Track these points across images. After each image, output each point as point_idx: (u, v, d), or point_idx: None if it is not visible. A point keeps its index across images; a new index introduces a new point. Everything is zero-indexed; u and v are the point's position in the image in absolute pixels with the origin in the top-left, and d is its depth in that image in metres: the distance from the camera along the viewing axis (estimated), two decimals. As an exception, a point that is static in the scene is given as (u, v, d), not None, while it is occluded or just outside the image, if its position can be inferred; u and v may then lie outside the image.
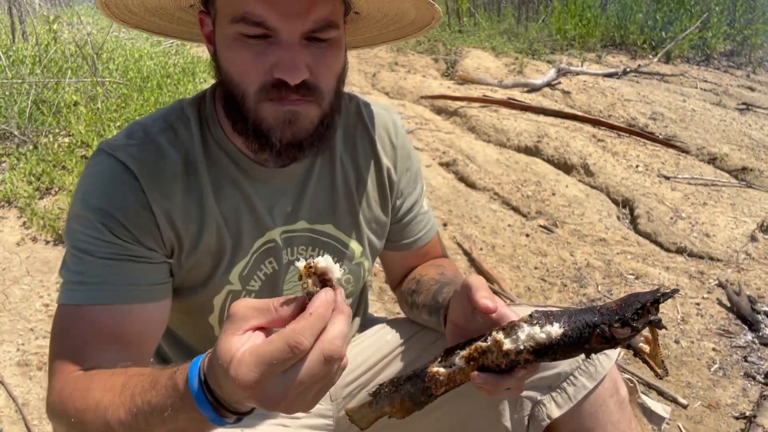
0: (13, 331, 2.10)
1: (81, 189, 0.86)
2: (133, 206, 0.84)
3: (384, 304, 2.37)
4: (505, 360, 0.77)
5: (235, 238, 0.93)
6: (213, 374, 0.62)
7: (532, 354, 0.75)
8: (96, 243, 0.83)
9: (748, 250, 2.76)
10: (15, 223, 2.71)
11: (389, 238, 1.11)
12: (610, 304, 0.74)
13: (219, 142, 0.91)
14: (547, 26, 6.79)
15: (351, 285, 1.07)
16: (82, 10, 6.59)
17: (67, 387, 0.81)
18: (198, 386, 0.63)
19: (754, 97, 5.01)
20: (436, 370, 0.81)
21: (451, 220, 2.98)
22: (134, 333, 0.86)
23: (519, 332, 0.76)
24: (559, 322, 0.74)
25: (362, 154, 1.03)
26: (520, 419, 0.99)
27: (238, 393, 0.58)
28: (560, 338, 0.73)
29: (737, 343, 2.15)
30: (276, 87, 0.80)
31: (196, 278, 0.93)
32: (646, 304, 0.71)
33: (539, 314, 0.77)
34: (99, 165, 0.86)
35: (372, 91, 5.17)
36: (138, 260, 0.86)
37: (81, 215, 0.84)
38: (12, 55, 4.26)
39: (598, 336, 0.72)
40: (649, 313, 0.71)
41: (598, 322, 0.72)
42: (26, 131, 3.32)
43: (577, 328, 0.73)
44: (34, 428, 1.74)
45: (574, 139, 3.92)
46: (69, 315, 0.84)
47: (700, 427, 1.81)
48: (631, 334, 0.71)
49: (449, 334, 0.94)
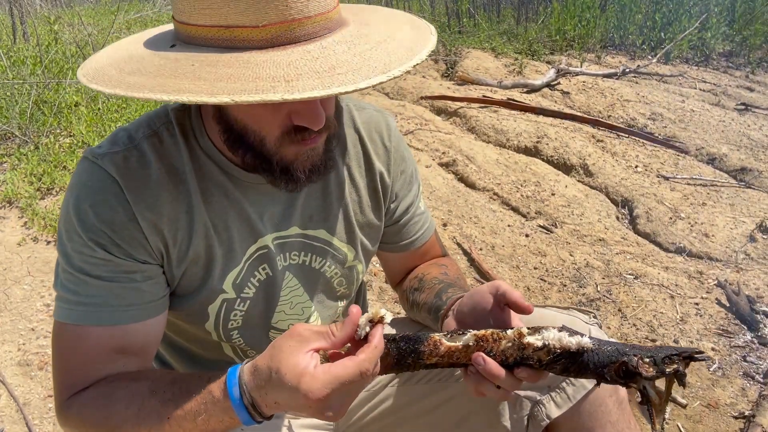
0: (14, 331, 2.11)
1: (68, 201, 0.85)
2: (121, 219, 0.83)
3: (384, 304, 2.37)
4: (518, 353, 0.78)
5: (227, 246, 0.92)
6: (259, 384, 0.72)
7: (550, 355, 0.76)
8: (90, 261, 0.83)
9: (747, 250, 2.77)
10: (16, 224, 2.71)
11: (386, 240, 1.12)
12: (645, 346, 0.75)
13: (206, 150, 0.90)
14: (546, 27, 6.80)
15: (344, 287, 1.08)
16: (83, 11, 6.59)
17: (85, 397, 0.83)
18: (239, 395, 0.73)
19: (753, 98, 5.01)
20: (439, 338, 0.81)
21: (451, 221, 2.99)
22: (137, 347, 0.87)
23: (545, 332, 0.77)
24: (591, 341, 0.75)
25: (354, 158, 1.02)
26: (519, 419, 1.00)
27: (299, 403, 0.70)
28: (587, 351, 0.74)
29: (736, 343, 2.16)
30: (297, 132, 0.80)
31: (189, 286, 0.93)
32: (681, 354, 0.72)
33: (569, 328, 0.78)
34: (84, 174, 0.85)
35: (372, 91, 5.17)
36: (133, 276, 0.85)
37: (71, 231, 0.84)
38: (13, 55, 4.26)
39: (621, 365, 0.73)
40: (679, 364, 0.72)
41: (629, 353, 0.73)
42: (27, 132, 3.32)
43: (606, 351, 0.74)
44: (35, 428, 1.74)
45: (574, 139, 3.93)
46: (70, 334, 0.85)
47: (699, 426, 1.81)
48: (654, 375, 0.72)
49: None
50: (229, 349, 1.04)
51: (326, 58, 0.71)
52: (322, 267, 1.02)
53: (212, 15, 0.71)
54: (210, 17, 0.71)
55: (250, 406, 0.73)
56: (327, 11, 0.75)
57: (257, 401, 0.73)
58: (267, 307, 1.00)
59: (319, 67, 0.70)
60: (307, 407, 0.70)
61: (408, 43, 0.78)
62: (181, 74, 0.69)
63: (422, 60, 0.76)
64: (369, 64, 0.71)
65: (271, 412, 0.75)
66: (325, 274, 1.03)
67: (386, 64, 0.72)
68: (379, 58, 0.72)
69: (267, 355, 0.74)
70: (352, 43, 0.75)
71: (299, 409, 0.72)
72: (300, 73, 0.68)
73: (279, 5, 0.70)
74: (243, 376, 0.74)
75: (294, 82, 0.67)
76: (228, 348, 1.03)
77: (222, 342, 1.01)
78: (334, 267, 1.03)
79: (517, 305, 0.85)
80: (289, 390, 0.70)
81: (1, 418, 1.77)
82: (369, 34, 0.78)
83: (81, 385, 0.85)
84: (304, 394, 0.69)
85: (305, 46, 0.72)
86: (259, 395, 0.73)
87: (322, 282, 1.04)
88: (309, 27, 0.73)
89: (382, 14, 0.89)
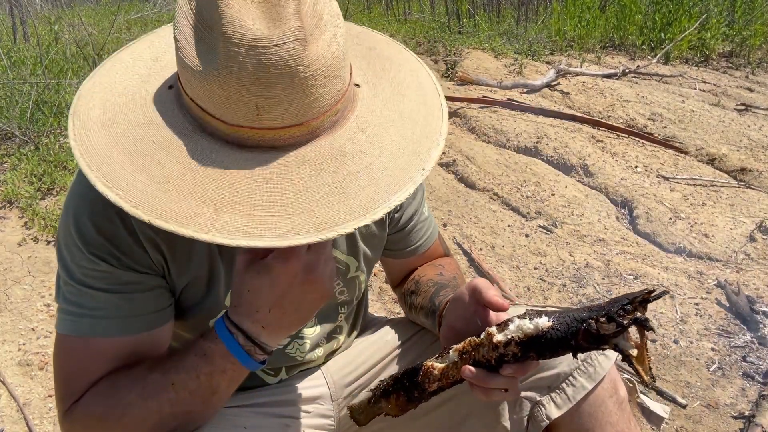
0: (15, 331, 2.11)
1: (68, 213, 0.84)
2: (120, 232, 0.82)
3: (384, 304, 2.38)
4: (494, 354, 0.78)
5: (228, 262, 0.91)
6: (240, 303, 0.76)
7: (519, 346, 0.76)
8: (91, 274, 0.82)
9: (747, 250, 2.77)
10: (16, 224, 2.72)
11: (390, 247, 1.11)
12: (601, 303, 0.75)
13: None
14: (546, 27, 6.80)
15: (345, 296, 1.07)
16: (83, 11, 6.59)
17: (87, 396, 0.82)
18: (228, 331, 0.76)
19: (752, 98, 5.01)
20: (431, 364, 0.82)
21: (451, 221, 2.99)
22: (144, 357, 0.86)
23: (510, 325, 0.77)
24: (549, 317, 0.75)
25: None
26: (519, 420, 1.00)
27: (280, 286, 0.73)
28: (548, 330, 0.74)
29: (736, 343, 2.16)
30: None
31: (191, 300, 0.92)
32: (634, 301, 0.71)
33: (533, 311, 0.78)
34: (83, 185, 0.83)
35: (372, 91, 5.17)
36: (136, 287, 0.84)
37: (71, 245, 0.82)
38: (13, 55, 4.27)
39: (585, 332, 0.72)
40: (636, 311, 0.71)
41: (585, 317, 0.73)
42: (27, 132, 3.32)
43: (565, 323, 0.74)
44: (36, 428, 1.74)
45: (574, 139, 3.93)
46: (75, 346, 0.83)
47: (699, 426, 1.81)
48: (617, 331, 0.71)
49: (443, 337, 0.95)
50: None
51: (275, 186, 0.66)
52: None
53: (192, 90, 0.69)
54: (191, 90, 0.70)
55: (243, 339, 0.76)
56: (309, 120, 0.69)
57: (247, 327, 0.76)
58: None
59: (258, 200, 0.65)
60: (288, 285, 0.73)
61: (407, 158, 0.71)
62: (141, 153, 0.69)
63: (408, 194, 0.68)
64: (327, 206, 0.66)
65: (267, 337, 0.77)
66: None
67: (352, 210, 0.65)
68: (353, 195, 0.66)
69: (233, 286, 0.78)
70: (322, 167, 0.68)
71: (285, 293, 0.74)
72: (235, 201, 0.65)
73: (249, 113, 0.66)
74: (228, 314, 0.78)
75: (220, 214, 0.64)
76: None
77: None
78: (336, 279, 1.03)
79: (491, 304, 0.84)
80: (262, 280, 0.73)
81: (2, 418, 1.77)
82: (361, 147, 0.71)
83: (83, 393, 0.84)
84: (274, 272, 0.73)
85: (270, 155, 0.68)
86: (246, 317, 0.76)
87: None
88: (282, 136, 0.69)
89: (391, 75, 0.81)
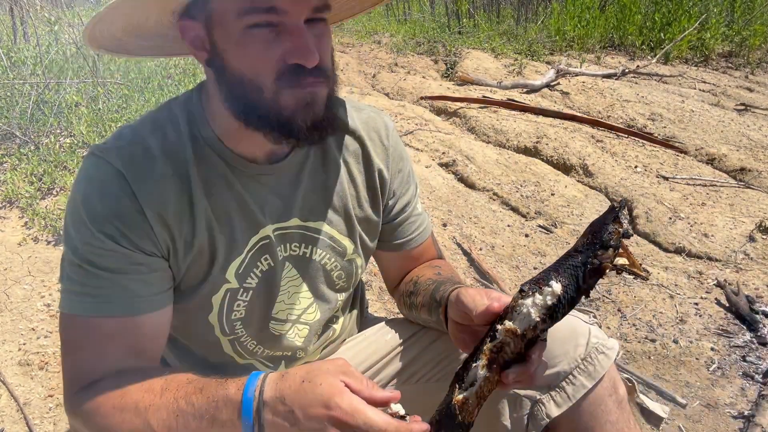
0: (15, 331, 2.11)
1: (76, 195, 0.86)
2: (128, 210, 0.84)
3: (384, 304, 2.38)
4: (521, 344, 0.78)
5: (229, 236, 0.94)
6: (282, 388, 0.73)
7: (544, 322, 0.76)
8: (97, 252, 0.84)
9: (747, 250, 2.77)
10: (16, 224, 2.72)
11: (383, 237, 1.13)
12: (579, 242, 0.77)
13: (208, 141, 0.91)
14: (546, 27, 6.80)
15: (342, 281, 1.09)
16: (83, 12, 6.59)
17: (97, 388, 0.83)
18: (250, 399, 0.74)
19: (752, 98, 5.02)
20: (461, 397, 0.80)
21: (451, 221, 2.99)
22: (146, 341, 0.88)
23: (524, 309, 0.77)
24: (553, 280, 0.76)
25: (353, 156, 1.03)
26: (519, 418, 1.00)
27: (313, 413, 0.71)
28: (564, 292, 0.75)
29: (736, 343, 2.16)
30: (292, 72, 0.80)
31: (194, 278, 0.94)
32: (614, 221, 0.75)
33: (528, 285, 0.78)
34: (91, 169, 0.87)
35: (372, 92, 5.18)
36: (140, 268, 0.86)
37: (78, 223, 0.85)
38: (13, 56, 4.26)
39: (590, 271, 0.74)
40: (619, 228, 0.74)
41: (584, 259, 0.75)
42: (28, 132, 3.32)
43: (570, 275, 0.75)
44: (36, 428, 1.74)
45: (573, 139, 3.93)
46: (79, 325, 0.85)
47: (698, 426, 1.82)
48: (615, 254, 0.74)
49: (452, 331, 0.95)
50: (228, 346, 1.04)
51: None
52: (322, 259, 1.04)
53: None
54: None
55: (257, 405, 0.74)
56: None
57: (267, 405, 0.74)
58: (268, 297, 1.01)
59: None
60: (316, 419, 0.71)
61: None
62: None
63: None
64: None
65: (265, 428, 0.74)
66: (325, 266, 1.05)
67: None
68: None
69: (303, 367, 0.75)
70: None
71: (301, 421, 0.72)
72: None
73: None
74: (266, 380, 0.75)
75: None
76: (227, 345, 1.04)
77: (224, 336, 1.02)
78: (333, 259, 1.05)
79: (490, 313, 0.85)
80: (315, 397, 0.71)
81: (2, 418, 1.77)
82: None
83: (91, 377, 0.85)
84: (327, 404, 0.70)
85: None
86: (273, 397, 0.73)
87: (321, 273, 1.05)
88: None
89: None
